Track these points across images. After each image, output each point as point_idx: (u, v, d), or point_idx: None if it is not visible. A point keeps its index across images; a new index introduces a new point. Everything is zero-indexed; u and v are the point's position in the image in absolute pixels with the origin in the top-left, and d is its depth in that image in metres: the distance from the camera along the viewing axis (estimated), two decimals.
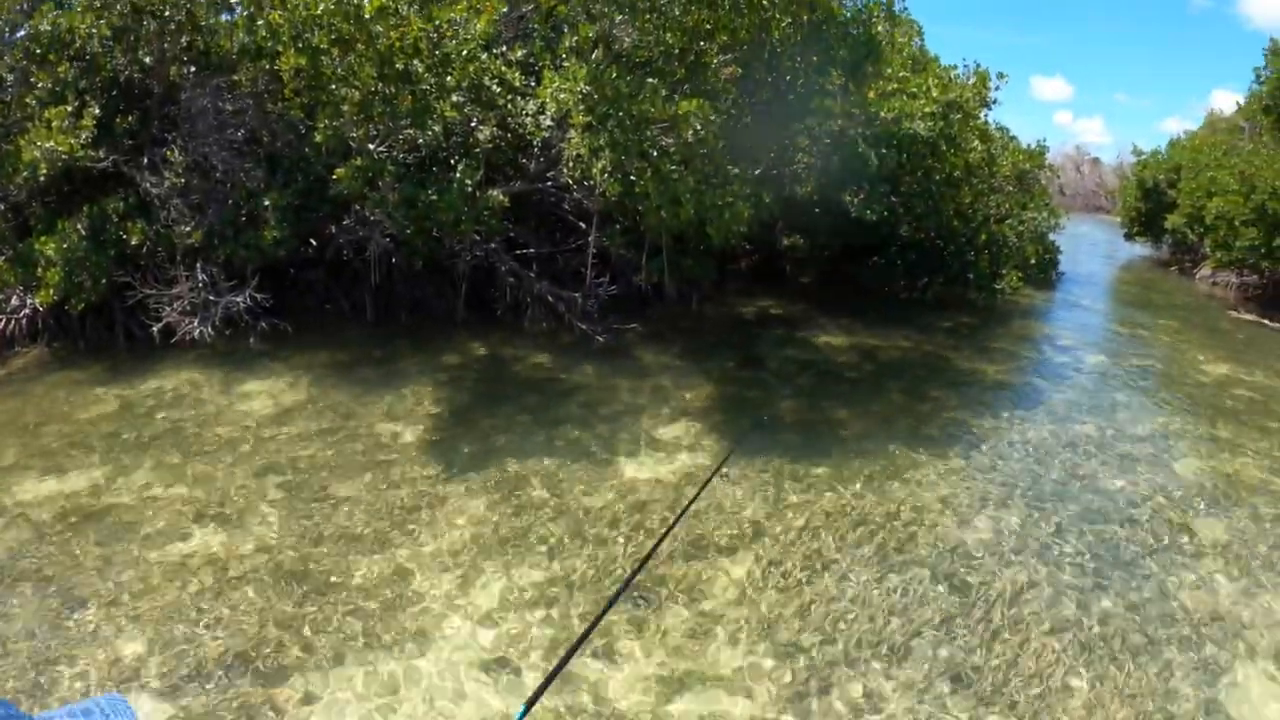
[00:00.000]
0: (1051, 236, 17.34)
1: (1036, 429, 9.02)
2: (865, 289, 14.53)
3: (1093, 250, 24.42)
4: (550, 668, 4.09)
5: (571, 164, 8.38)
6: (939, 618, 5.52)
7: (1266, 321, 15.67)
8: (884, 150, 10.24)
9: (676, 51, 8.60)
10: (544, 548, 6.00)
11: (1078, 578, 6.10)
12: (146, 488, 6.50)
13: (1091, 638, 5.40)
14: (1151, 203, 22.18)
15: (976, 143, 12.20)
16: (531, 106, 9.18)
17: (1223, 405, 10.24)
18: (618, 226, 10.63)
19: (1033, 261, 15.76)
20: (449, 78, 8.57)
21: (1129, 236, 24.32)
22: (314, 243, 10.26)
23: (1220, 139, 20.59)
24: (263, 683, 4.48)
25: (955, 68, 11.59)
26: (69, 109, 8.36)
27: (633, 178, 7.87)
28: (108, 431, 7.45)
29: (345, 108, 8.45)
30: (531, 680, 4.68)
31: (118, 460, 6.92)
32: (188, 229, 8.88)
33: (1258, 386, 11.16)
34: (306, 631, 4.93)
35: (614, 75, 7.92)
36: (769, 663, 4.97)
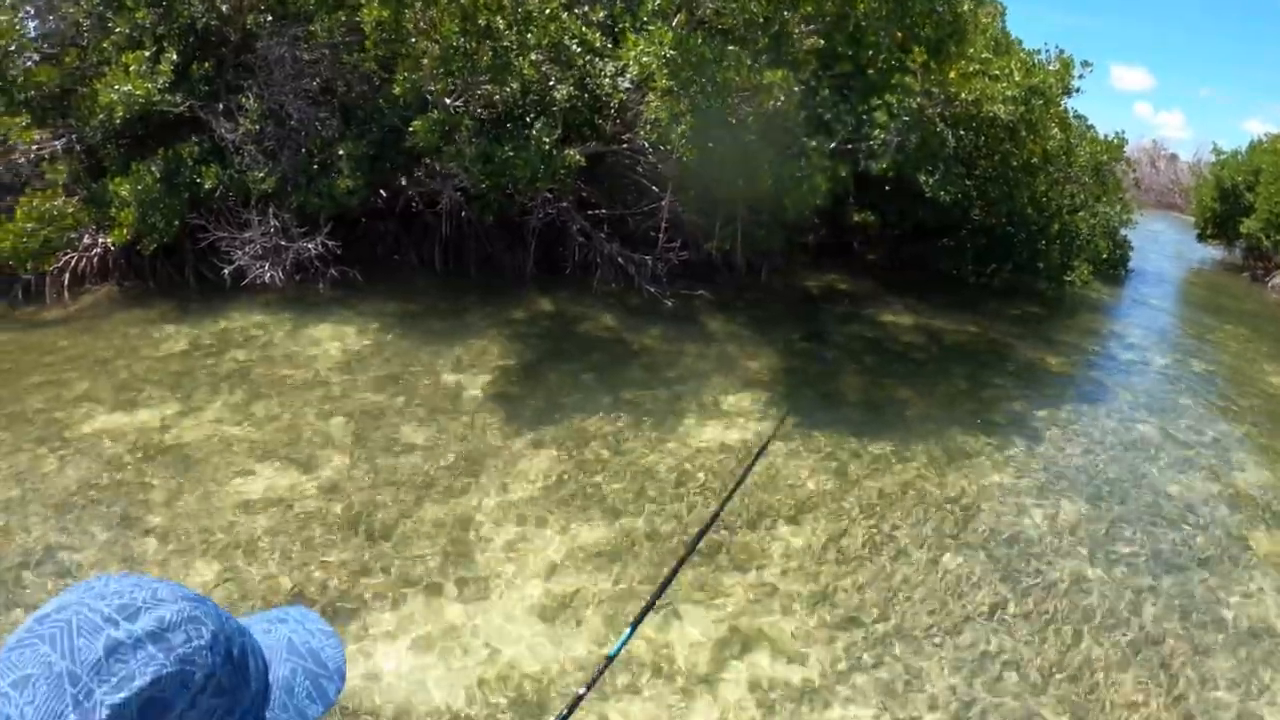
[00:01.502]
0: (1123, 232, 16.95)
1: (1098, 425, 8.91)
2: (933, 271, 14.35)
3: (1164, 248, 23.82)
4: (636, 611, 4.17)
5: (649, 127, 8.36)
6: (991, 603, 5.52)
7: None
8: (962, 132, 10.06)
9: (760, 20, 8.52)
10: (606, 506, 6.08)
11: (1130, 577, 6.05)
12: (216, 425, 6.65)
13: (1140, 638, 5.37)
14: (1228, 204, 21.52)
15: (1056, 130, 11.92)
16: (610, 68, 9.16)
17: None
18: (691, 193, 10.60)
19: (1104, 256, 15.41)
20: (530, 35, 8.58)
21: (1201, 237, 23.65)
22: (385, 194, 10.38)
23: None
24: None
25: (1039, 52, 11.32)
26: (146, 54, 8.50)
27: (711, 144, 7.84)
28: (177, 369, 7.61)
29: (425, 61, 8.50)
30: (589, 632, 4.78)
31: (187, 397, 7.07)
32: (261, 175, 9.01)
33: None
34: (369, 574, 5.05)
35: (699, 40, 7.88)
36: (824, 633, 5.02)
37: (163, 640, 0.80)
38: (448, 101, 9.03)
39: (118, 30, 8.74)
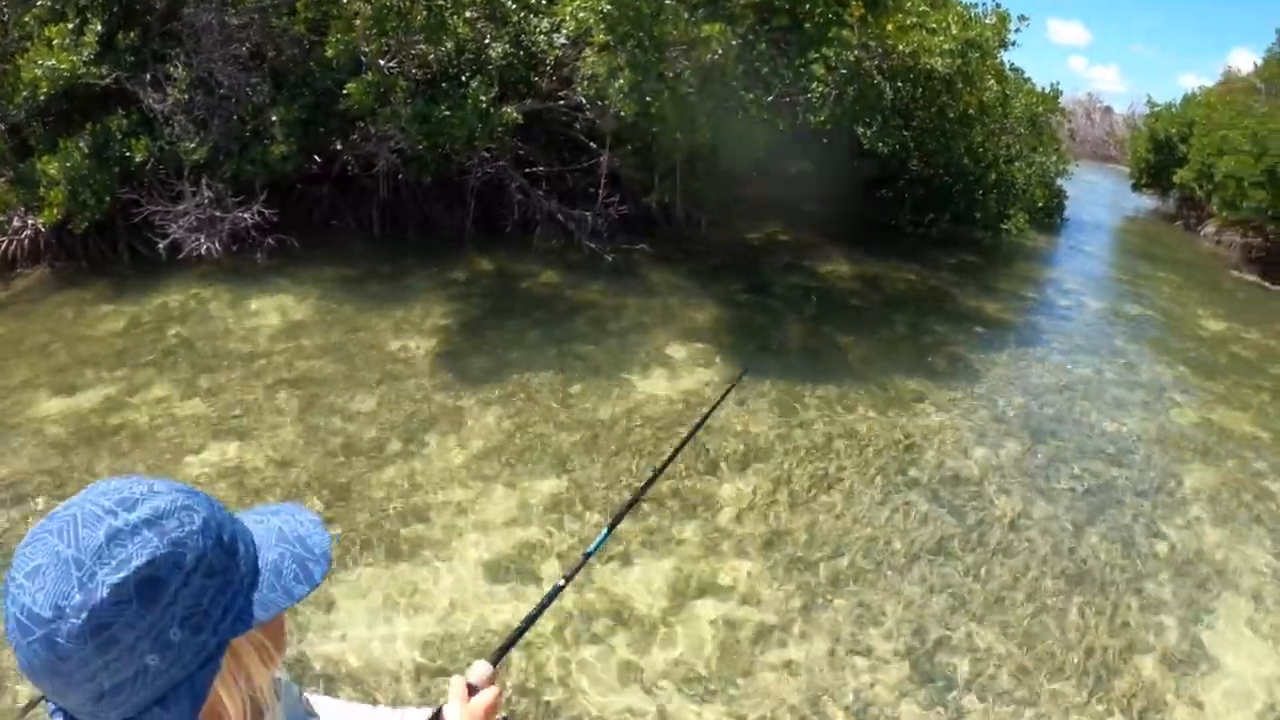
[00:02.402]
0: (1059, 182, 17.25)
1: (1035, 368, 9.12)
2: (872, 221, 14.49)
3: (1099, 198, 24.29)
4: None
5: (587, 83, 8.29)
6: (938, 539, 5.67)
7: (1267, 283, 15.69)
8: (900, 84, 10.13)
9: None
10: (556, 459, 6.11)
11: (1070, 511, 6.25)
12: (160, 403, 6.52)
13: (1083, 568, 5.56)
14: (1161, 156, 21.96)
15: (992, 82, 12.06)
16: (546, 24, 9.05)
17: (1219, 360, 10.34)
18: (629, 147, 10.56)
19: (1039, 205, 15.66)
20: None
21: (1136, 187, 24.15)
22: (320, 159, 10.18)
23: (1236, 98, 20.26)
24: None
25: (976, 5, 11.41)
26: (70, 26, 8.20)
27: (649, 99, 7.81)
28: (118, 348, 7.42)
29: (358, 22, 8.33)
30: (546, 585, 4.80)
31: (129, 376, 6.91)
32: (192, 145, 8.76)
33: (1254, 345, 11.25)
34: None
35: None
36: (777, 574, 5.11)
37: (157, 526, 0.88)
38: (382, 63, 8.87)
39: (39, 3, 8.41)
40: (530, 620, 1.55)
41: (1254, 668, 4.87)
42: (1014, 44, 11.60)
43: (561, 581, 1.69)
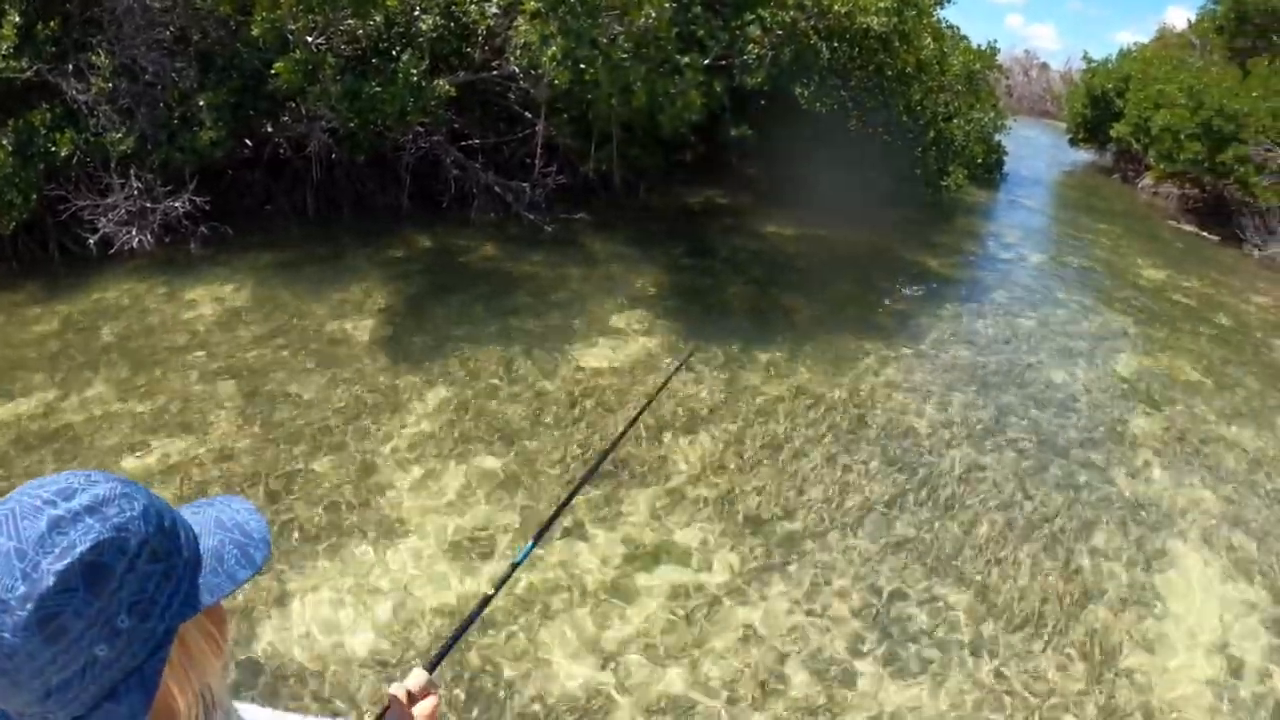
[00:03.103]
0: (997, 138, 17.42)
1: (980, 322, 9.22)
2: (810, 182, 14.50)
3: (1037, 153, 24.60)
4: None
5: (519, 52, 8.15)
6: (890, 495, 5.71)
7: (1204, 233, 16.03)
8: (836, 44, 10.13)
9: None
10: (505, 434, 6.03)
11: (1020, 462, 6.34)
12: (99, 402, 6.30)
13: (1034, 518, 5.65)
14: (1098, 110, 22.28)
15: (929, 40, 12.10)
16: None
17: (1160, 308, 10.54)
18: (565, 116, 10.44)
19: (979, 161, 15.82)
20: None
21: (1074, 142, 24.49)
22: (250, 143, 9.92)
23: (1171, 54, 20.67)
24: None
25: None
26: None
27: (583, 66, 7.70)
28: (53, 350, 7.16)
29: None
30: (500, 562, 4.76)
31: (66, 378, 6.67)
32: (119, 135, 8.48)
33: (1193, 293, 11.49)
34: (276, 531, 4.92)
35: None
36: (731, 537, 5.11)
37: (98, 512, 0.86)
38: (309, 40, 8.64)
39: None
40: (462, 629, 1.59)
41: (1205, 607, 4.99)
42: (950, 2, 11.67)
43: (491, 592, 1.72)
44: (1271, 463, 6.78)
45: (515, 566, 1.85)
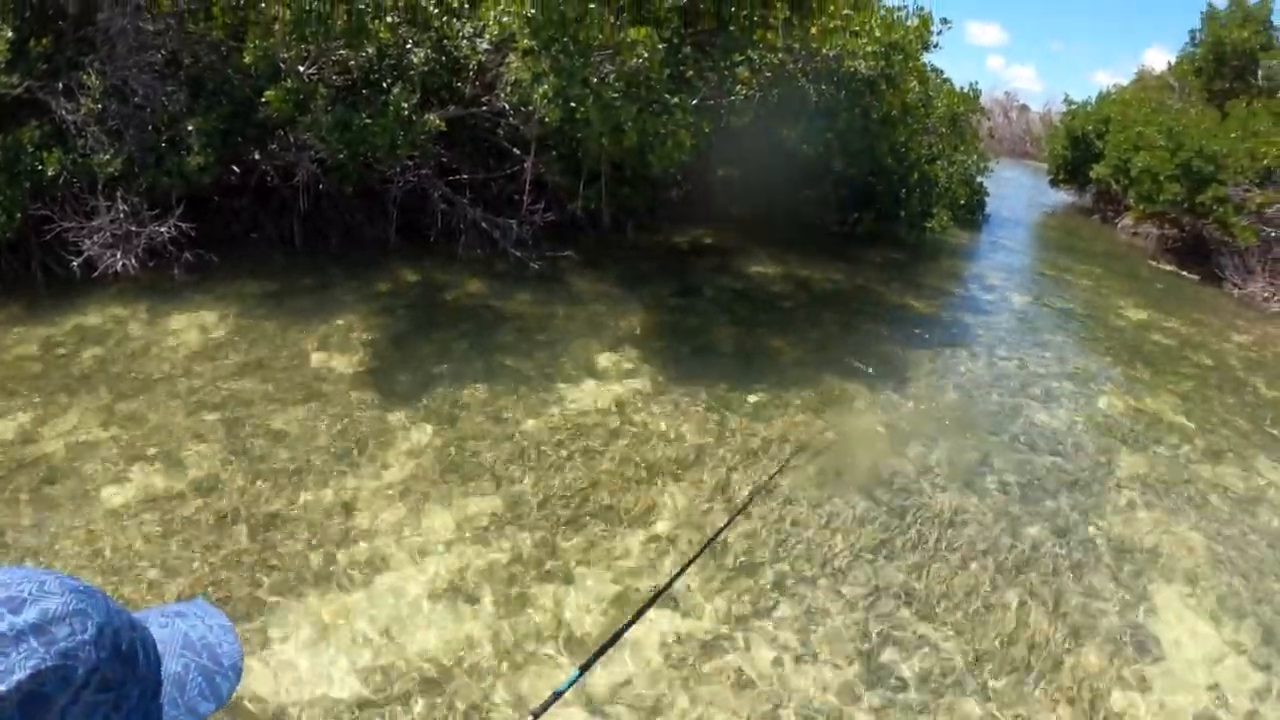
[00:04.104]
0: (980, 179, 17.63)
1: (964, 363, 9.26)
2: (797, 222, 14.60)
3: (1018, 194, 24.91)
4: (610, 631, 4.13)
5: (510, 89, 8.17)
6: (878, 538, 5.70)
7: (1184, 272, 16.22)
8: (824, 86, 10.23)
9: None
10: (490, 475, 5.98)
11: (1007, 505, 6.35)
12: (78, 430, 6.21)
13: (1021, 560, 5.65)
14: (1078, 152, 22.54)
15: (915, 84, 12.25)
16: (468, 29, 8.91)
17: (1141, 348, 10.64)
18: (554, 153, 10.46)
19: (962, 202, 15.99)
20: None
21: (1054, 183, 24.76)
22: (238, 169, 9.87)
23: (1150, 95, 21.00)
24: None
25: (899, 9, 11.57)
26: None
27: (574, 104, 7.73)
28: (31, 374, 7.06)
29: (277, 27, 8.09)
30: (486, 606, 4.70)
31: (45, 403, 6.57)
32: (107, 157, 8.42)
33: (1174, 332, 11.60)
34: (257, 570, 4.84)
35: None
36: (719, 583, 5.07)
37: (45, 634, 0.78)
38: (301, 69, 8.63)
39: None
40: None
41: (1195, 648, 5.00)
42: (937, 46, 11.81)
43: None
44: (1256, 502, 6.83)
45: (558, 695, 1.78)
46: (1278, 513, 6.71)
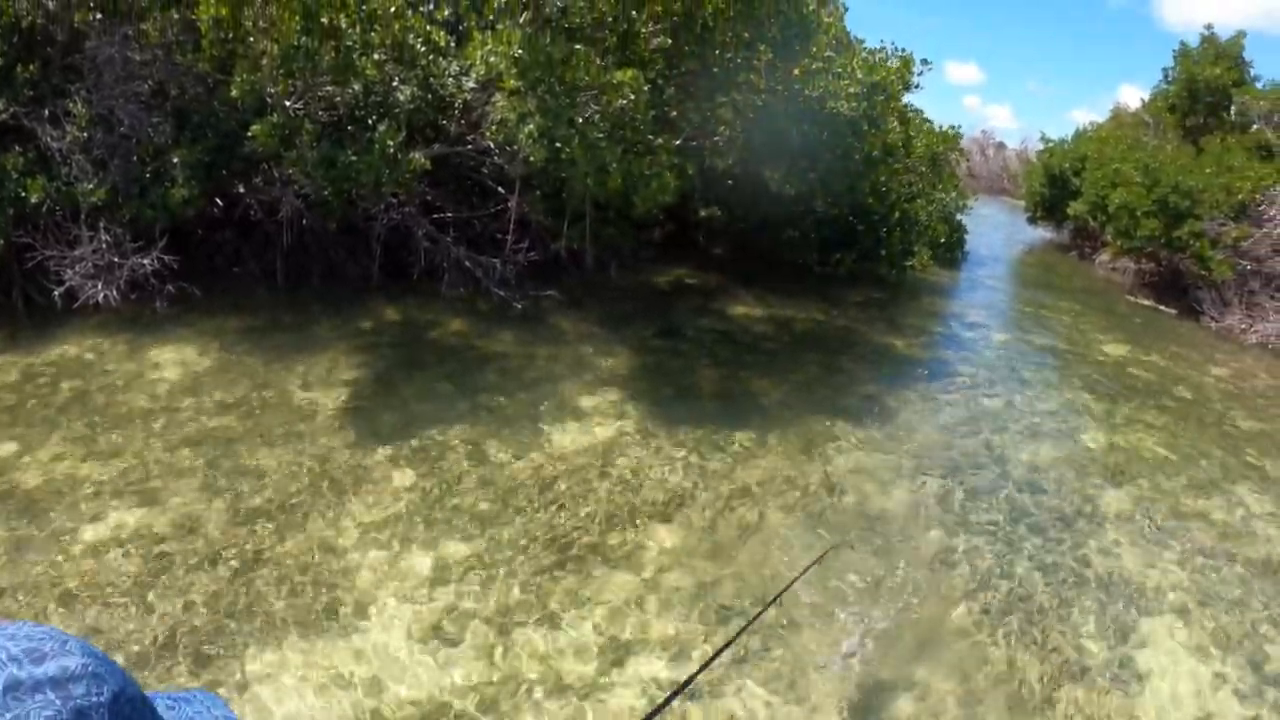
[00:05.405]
0: (959, 217, 17.84)
1: (947, 402, 9.31)
2: (779, 262, 14.70)
3: (996, 231, 25.20)
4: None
5: (496, 128, 8.21)
6: (866, 581, 5.69)
7: (1161, 307, 16.44)
8: (806, 127, 10.35)
9: (609, 19, 8.50)
10: (473, 518, 5.94)
11: (993, 542, 6.37)
12: (57, 463, 6.14)
13: (1009, 598, 5.67)
14: (1056, 189, 22.87)
15: (896, 124, 12.42)
16: (455, 67, 8.96)
17: (1122, 384, 10.74)
18: (539, 192, 10.50)
19: (942, 240, 16.19)
20: (373, 34, 8.30)
21: (1032, 220, 25.08)
22: (222, 203, 9.85)
23: (1125, 132, 21.36)
24: (198, 667, 4.33)
25: (880, 50, 11.75)
26: None
27: (559, 144, 7.77)
28: (9, 404, 6.98)
29: (264, 61, 8.11)
30: (470, 651, 4.65)
31: (23, 434, 6.50)
32: (91, 186, 8.39)
33: (1154, 367, 11.73)
34: (238, 611, 4.78)
35: (547, 40, 7.79)
36: (704, 627, 5.04)
37: (63, 689, 0.76)
38: (288, 104, 8.65)
39: None
40: None
41: (1184, 681, 5.03)
42: (918, 87, 11.99)
43: None
44: (1238, 534, 6.90)
45: None
46: (1260, 544, 6.78)
